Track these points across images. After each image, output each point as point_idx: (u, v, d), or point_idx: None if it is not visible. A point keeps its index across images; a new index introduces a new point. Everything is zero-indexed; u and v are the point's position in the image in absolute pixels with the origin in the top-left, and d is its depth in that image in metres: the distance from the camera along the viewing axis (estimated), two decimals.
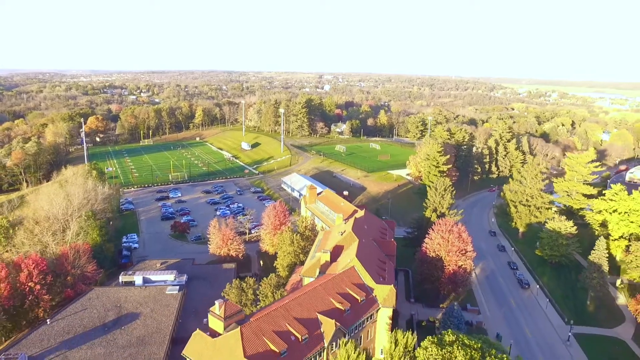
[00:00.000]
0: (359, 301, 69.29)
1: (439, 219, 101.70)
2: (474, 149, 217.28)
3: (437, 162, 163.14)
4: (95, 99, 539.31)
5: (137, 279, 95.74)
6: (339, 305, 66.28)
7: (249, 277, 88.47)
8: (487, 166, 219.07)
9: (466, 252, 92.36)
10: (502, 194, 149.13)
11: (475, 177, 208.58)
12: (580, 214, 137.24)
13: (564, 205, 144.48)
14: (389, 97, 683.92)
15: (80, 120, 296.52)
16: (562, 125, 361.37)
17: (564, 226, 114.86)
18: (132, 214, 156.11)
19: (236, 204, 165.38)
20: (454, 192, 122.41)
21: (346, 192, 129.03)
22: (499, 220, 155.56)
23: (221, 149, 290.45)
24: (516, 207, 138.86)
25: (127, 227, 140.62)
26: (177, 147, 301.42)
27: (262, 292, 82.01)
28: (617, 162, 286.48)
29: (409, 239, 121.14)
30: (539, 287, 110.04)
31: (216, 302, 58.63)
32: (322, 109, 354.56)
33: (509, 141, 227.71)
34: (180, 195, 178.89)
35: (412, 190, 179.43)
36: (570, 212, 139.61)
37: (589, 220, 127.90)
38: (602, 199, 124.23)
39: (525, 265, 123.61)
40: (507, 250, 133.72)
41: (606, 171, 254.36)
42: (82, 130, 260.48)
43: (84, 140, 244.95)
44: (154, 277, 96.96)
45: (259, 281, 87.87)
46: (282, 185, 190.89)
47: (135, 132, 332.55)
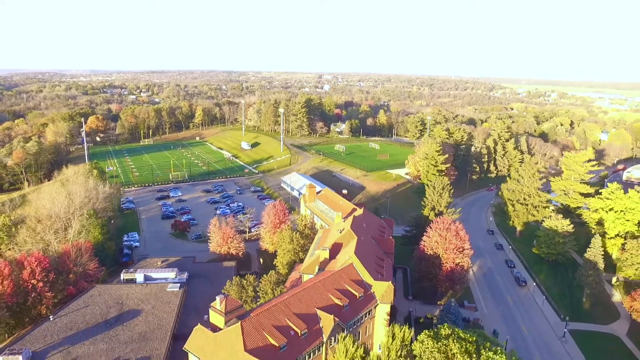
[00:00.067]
0: (358, 297, 70.41)
1: (437, 217, 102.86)
2: (473, 149, 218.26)
3: (436, 162, 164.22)
4: (95, 99, 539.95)
5: (139, 277, 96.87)
6: (337, 301, 67.40)
7: (249, 274, 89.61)
8: (485, 165, 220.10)
9: (463, 249, 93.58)
10: (500, 193, 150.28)
11: (473, 177, 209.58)
12: (577, 213, 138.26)
13: (561, 204, 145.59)
14: (389, 97, 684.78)
15: (80, 120, 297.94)
16: (561, 125, 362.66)
17: (561, 224, 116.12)
18: (132, 213, 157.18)
19: (236, 203, 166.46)
20: (452, 191, 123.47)
21: (345, 191, 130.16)
22: (497, 219, 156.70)
23: (221, 149, 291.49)
24: (514, 205, 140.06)
25: (127, 226, 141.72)
26: (177, 146, 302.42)
27: (262, 289, 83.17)
28: (615, 161, 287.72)
29: (408, 237, 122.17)
30: (535, 284, 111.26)
31: (217, 297, 59.71)
32: (322, 108, 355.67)
33: (507, 141, 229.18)
34: (180, 194, 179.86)
35: (411, 189, 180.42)
36: (567, 211, 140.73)
37: (586, 218, 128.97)
38: (598, 198, 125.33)
39: (522, 263, 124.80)
40: (504, 248, 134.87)
41: (604, 171, 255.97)
42: (83, 129, 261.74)
43: (84, 139, 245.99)
44: (155, 275, 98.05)
45: (258, 279, 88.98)
46: (282, 184, 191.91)
47: (135, 131, 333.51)
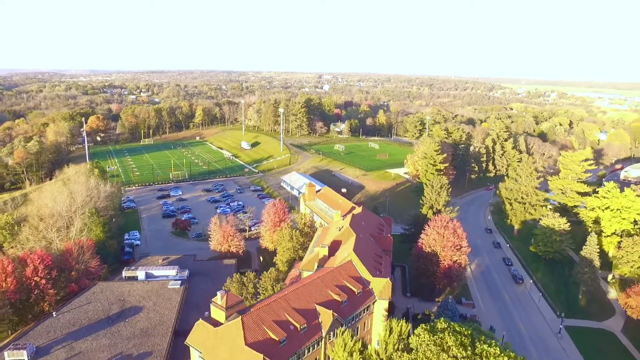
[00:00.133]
0: (356, 293, 71.61)
1: (435, 216, 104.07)
2: (472, 148, 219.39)
3: (434, 161, 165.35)
4: (95, 99, 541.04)
5: (140, 274, 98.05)
6: (336, 296, 68.59)
7: (249, 272, 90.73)
8: (484, 165, 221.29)
9: (461, 247, 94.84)
10: (498, 192, 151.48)
11: (472, 176, 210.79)
12: (574, 212, 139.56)
13: (559, 202, 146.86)
14: (388, 97, 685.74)
15: (81, 119, 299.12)
16: (560, 125, 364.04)
17: (558, 223, 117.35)
18: (133, 211, 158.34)
19: (236, 202, 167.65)
20: (450, 189, 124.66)
21: (344, 190, 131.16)
22: (495, 217, 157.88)
23: (221, 148, 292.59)
24: (511, 204, 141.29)
25: (129, 224, 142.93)
26: (178, 146, 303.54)
27: (262, 286, 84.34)
28: (613, 161, 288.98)
29: (406, 235, 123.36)
30: (532, 282, 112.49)
31: (218, 292, 60.93)
32: (322, 108, 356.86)
33: (506, 140, 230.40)
34: (181, 193, 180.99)
35: (409, 188, 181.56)
36: (564, 210, 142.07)
37: (583, 217, 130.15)
38: (595, 197, 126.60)
39: (519, 261, 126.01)
40: (502, 246, 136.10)
41: (602, 170, 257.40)
42: (83, 129, 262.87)
43: (85, 139, 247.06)
44: (156, 272, 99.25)
45: (258, 276, 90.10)
46: (282, 183, 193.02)
47: (135, 131, 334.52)
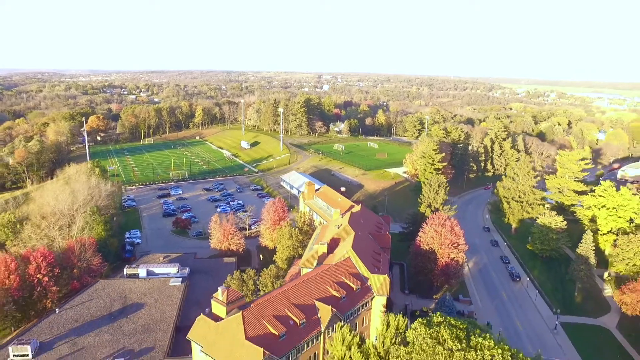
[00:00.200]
0: (355, 289, 72.77)
1: (433, 214, 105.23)
2: (470, 148, 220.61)
3: (433, 160, 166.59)
4: (95, 99, 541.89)
5: (141, 272, 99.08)
6: (335, 292, 69.76)
7: (249, 269, 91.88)
8: (482, 164, 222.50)
9: (458, 245, 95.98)
10: (496, 191, 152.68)
11: (471, 175, 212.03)
12: (571, 210, 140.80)
13: (556, 201, 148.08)
14: (388, 97, 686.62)
15: (81, 119, 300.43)
16: (559, 124, 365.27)
17: (554, 221, 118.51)
18: (134, 210, 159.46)
19: (236, 201, 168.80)
20: (448, 188, 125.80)
21: (343, 188, 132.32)
22: (493, 216, 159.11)
23: (221, 148, 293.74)
24: (509, 203, 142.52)
25: (129, 223, 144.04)
26: (178, 145, 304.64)
27: (262, 283, 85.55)
28: (611, 160, 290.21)
29: (405, 233, 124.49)
30: (529, 279, 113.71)
31: (219, 288, 62.11)
32: (321, 108, 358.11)
33: (504, 140, 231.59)
34: (181, 192, 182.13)
35: (408, 187, 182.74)
36: (561, 208, 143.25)
37: (579, 215, 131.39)
38: (591, 195, 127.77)
39: (517, 259, 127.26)
40: (500, 245, 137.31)
41: (600, 170, 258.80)
42: (84, 129, 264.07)
43: (85, 138, 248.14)
44: (157, 270, 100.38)
45: (258, 274, 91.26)
46: (281, 183, 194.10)
47: (135, 131, 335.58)
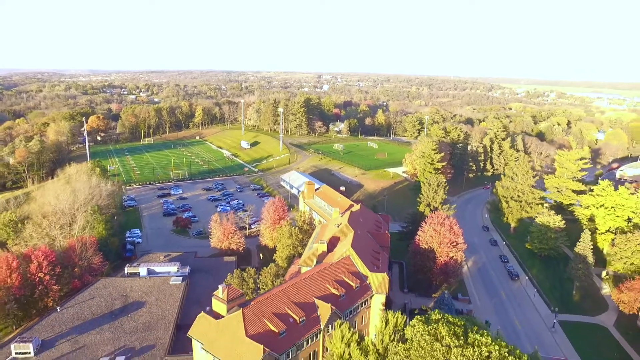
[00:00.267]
0: (354, 288, 73.40)
1: (432, 213, 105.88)
2: (469, 148, 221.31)
3: (432, 160, 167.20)
4: (94, 99, 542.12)
5: (142, 271, 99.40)
6: (334, 291, 70.39)
7: (249, 267, 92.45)
8: (482, 164, 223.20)
9: (457, 244, 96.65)
10: (495, 190, 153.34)
11: (470, 175, 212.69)
12: (569, 210, 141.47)
13: (555, 201, 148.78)
14: (388, 97, 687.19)
15: (81, 119, 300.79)
16: (558, 124, 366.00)
17: (553, 220, 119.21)
18: (134, 210, 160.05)
19: (236, 201, 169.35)
20: (447, 187, 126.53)
21: (343, 188, 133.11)
22: (492, 215, 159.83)
23: (221, 148, 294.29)
24: (508, 202, 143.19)
25: (130, 222, 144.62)
26: (178, 145, 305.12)
27: (262, 281, 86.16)
28: (610, 160, 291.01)
29: (404, 233, 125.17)
30: (528, 278, 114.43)
31: (219, 286, 62.74)
32: (321, 108, 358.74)
33: (503, 140, 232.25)
34: (181, 192, 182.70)
35: (408, 187, 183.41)
36: (560, 208, 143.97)
37: (578, 215, 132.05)
38: (590, 195, 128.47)
39: (515, 258, 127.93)
40: (498, 244, 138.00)
41: (600, 169, 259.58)
42: (84, 129, 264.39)
43: (86, 138, 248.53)
44: (158, 269, 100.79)
45: (258, 272, 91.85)
46: (281, 182, 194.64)
47: (135, 130, 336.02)
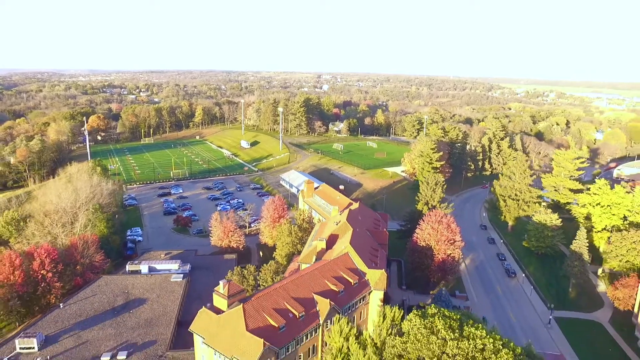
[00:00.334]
0: (352, 284, 74.59)
1: (430, 211, 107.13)
2: (468, 147, 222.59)
3: (431, 159, 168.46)
4: (94, 99, 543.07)
5: (143, 268, 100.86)
6: (333, 287, 71.58)
7: (249, 265, 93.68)
8: (480, 163, 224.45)
9: (454, 241, 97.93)
10: (493, 189, 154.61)
11: (468, 174, 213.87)
12: (567, 208, 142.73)
13: (552, 199, 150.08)
14: (387, 97, 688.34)
15: (82, 119, 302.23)
16: (557, 124, 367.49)
17: (550, 219, 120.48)
18: (135, 209, 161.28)
19: (236, 200, 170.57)
20: (445, 186, 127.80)
21: (342, 187, 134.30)
22: (490, 214, 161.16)
23: (221, 147, 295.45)
24: (505, 201, 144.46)
25: (130, 221, 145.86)
26: (178, 145, 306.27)
27: (262, 278, 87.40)
28: (609, 160, 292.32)
29: (402, 231, 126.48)
30: (525, 276, 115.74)
31: (220, 282, 63.96)
32: (320, 108, 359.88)
33: (502, 139, 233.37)
34: (181, 191, 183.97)
35: (407, 186, 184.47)
36: (557, 207, 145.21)
37: (575, 213, 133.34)
38: (586, 194, 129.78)
39: (513, 256, 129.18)
40: (496, 242, 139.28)
41: (597, 169, 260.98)
42: (85, 128, 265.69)
43: (86, 138, 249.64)
44: (159, 266, 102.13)
45: (258, 270, 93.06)
46: (281, 181, 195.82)
47: (136, 130, 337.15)
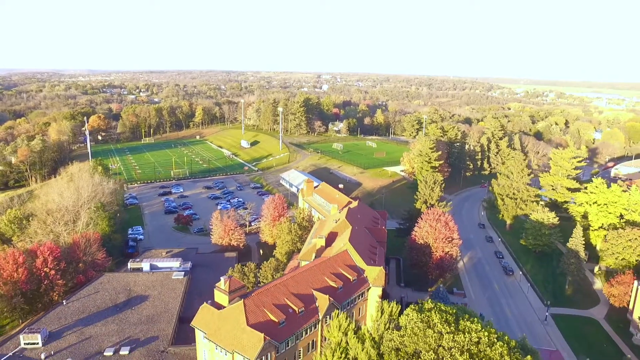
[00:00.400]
0: (351, 280, 75.85)
1: (428, 209, 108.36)
2: (467, 147, 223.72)
3: (429, 158, 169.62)
4: (94, 99, 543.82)
5: (145, 266, 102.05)
6: (332, 283, 72.84)
7: (250, 262, 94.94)
8: (479, 163, 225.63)
9: (452, 239, 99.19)
10: (491, 188, 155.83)
11: (467, 174, 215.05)
12: (564, 207, 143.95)
13: (550, 198, 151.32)
14: (387, 97, 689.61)
15: (82, 119, 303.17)
16: (556, 124, 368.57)
17: (547, 217, 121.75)
18: (136, 208, 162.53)
19: (236, 199, 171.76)
20: (444, 185, 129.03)
21: (341, 185, 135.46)
22: (488, 213, 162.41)
23: (221, 147, 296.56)
24: (503, 200, 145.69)
25: (132, 220, 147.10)
26: (178, 145, 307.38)
27: (263, 275, 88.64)
28: (607, 159, 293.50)
29: (401, 229, 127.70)
30: (522, 273, 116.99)
31: (221, 278, 65.15)
32: (320, 108, 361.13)
33: (500, 139, 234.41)
34: (182, 190, 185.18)
35: (406, 185, 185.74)
36: (555, 205, 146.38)
37: (572, 212, 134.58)
38: (583, 192, 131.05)
39: (510, 254, 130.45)
40: (494, 241, 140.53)
41: (596, 168, 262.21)
42: (85, 128, 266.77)
43: (87, 138, 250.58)
44: (160, 264, 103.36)
45: (258, 267, 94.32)
46: (281, 181, 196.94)
47: (136, 130, 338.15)
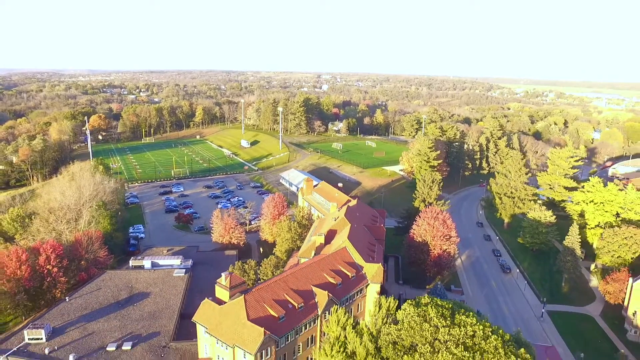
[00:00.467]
0: (350, 277, 77.07)
1: (426, 208, 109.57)
2: (466, 146, 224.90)
3: (428, 157, 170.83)
4: (95, 99, 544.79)
5: (146, 263, 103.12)
6: (331, 279, 74.04)
7: (250, 260, 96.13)
8: (477, 162, 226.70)
9: (450, 237, 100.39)
10: (489, 187, 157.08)
11: (466, 173, 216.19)
12: (561, 206, 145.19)
13: (547, 197, 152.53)
14: (387, 97, 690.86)
15: (82, 118, 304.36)
16: (555, 124, 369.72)
17: (544, 216, 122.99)
18: (137, 207, 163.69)
19: (237, 198, 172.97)
20: (442, 184, 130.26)
21: (340, 184, 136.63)
22: (486, 212, 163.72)
23: (221, 147, 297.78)
24: (501, 199, 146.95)
25: (133, 219, 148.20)
26: (178, 144, 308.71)
27: (263, 272, 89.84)
28: (605, 159, 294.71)
29: (400, 228, 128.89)
30: (519, 271, 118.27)
31: (222, 274, 66.38)
32: (320, 108, 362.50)
33: (499, 139, 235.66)
34: (182, 189, 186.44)
35: (405, 184, 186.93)
36: (552, 204, 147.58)
37: (569, 210, 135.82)
38: (580, 191, 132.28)
39: (508, 252, 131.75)
40: (492, 239, 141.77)
41: (594, 168, 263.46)
42: (86, 128, 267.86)
43: (88, 137, 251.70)
44: (161, 262, 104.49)
45: (259, 265, 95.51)
46: (281, 180, 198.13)
47: (136, 130, 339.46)
